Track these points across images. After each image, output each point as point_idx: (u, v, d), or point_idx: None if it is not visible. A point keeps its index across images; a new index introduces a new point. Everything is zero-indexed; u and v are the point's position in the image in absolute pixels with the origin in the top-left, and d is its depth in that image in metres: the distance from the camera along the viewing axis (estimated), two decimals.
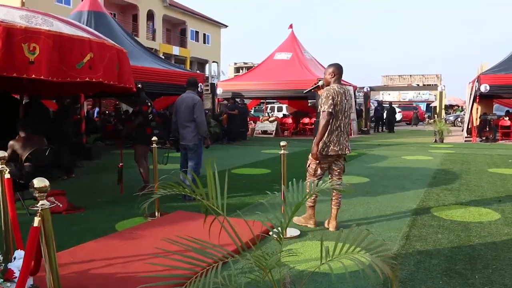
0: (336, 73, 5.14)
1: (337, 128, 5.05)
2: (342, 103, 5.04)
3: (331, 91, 5.00)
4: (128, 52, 14.44)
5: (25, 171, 5.97)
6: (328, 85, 5.17)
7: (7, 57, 4.72)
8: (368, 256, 2.19)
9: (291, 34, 22.98)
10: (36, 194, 2.01)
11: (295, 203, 2.59)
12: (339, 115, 5.04)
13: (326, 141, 5.04)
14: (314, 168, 5.17)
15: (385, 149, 14.50)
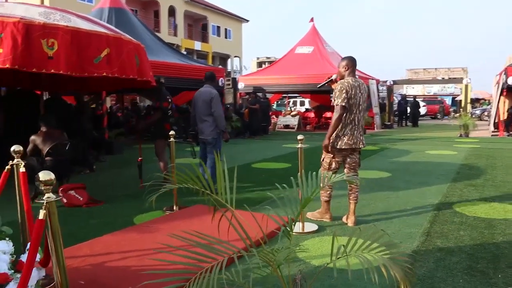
0: (350, 66, 5.06)
1: (351, 121, 4.99)
2: (357, 97, 4.96)
3: (345, 85, 4.92)
4: (149, 47, 14.61)
5: (46, 165, 6.04)
6: (342, 78, 5.10)
7: (27, 53, 4.80)
8: (380, 257, 2.09)
9: (312, 28, 22.78)
10: (42, 187, 1.99)
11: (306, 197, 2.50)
12: (353, 108, 4.97)
13: (339, 135, 4.98)
14: (328, 162, 5.12)
15: (408, 144, 14.26)
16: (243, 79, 23.20)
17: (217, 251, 2.10)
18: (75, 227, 5.12)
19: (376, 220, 5.20)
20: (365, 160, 10.28)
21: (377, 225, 5.01)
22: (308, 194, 2.43)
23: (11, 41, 4.74)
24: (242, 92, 21.59)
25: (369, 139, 15.94)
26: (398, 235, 4.64)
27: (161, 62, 14.20)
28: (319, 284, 3.44)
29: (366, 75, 22.87)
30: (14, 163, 3.26)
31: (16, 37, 4.75)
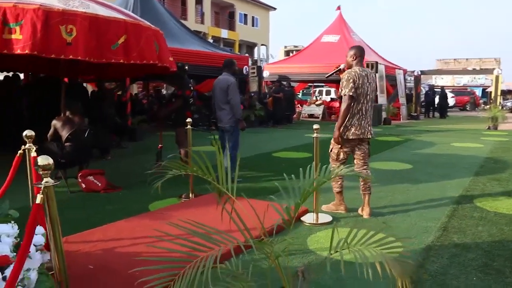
0: (357, 56, 5.01)
1: (359, 111, 4.92)
2: (364, 86, 4.89)
3: (352, 74, 4.87)
4: (174, 35, 14.69)
5: (66, 151, 6.12)
6: (350, 68, 5.03)
7: (46, 39, 4.89)
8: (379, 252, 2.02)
9: (339, 16, 22.46)
10: (40, 172, 1.99)
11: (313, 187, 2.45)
12: (361, 98, 4.90)
13: (347, 125, 4.92)
14: (336, 152, 5.06)
15: (433, 135, 13.98)
16: (268, 67, 23.10)
17: (214, 241, 2.08)
18: (91, 212, 5.19)
19: (392, 213, 5.11)
20: (387, 151, 10.15)
21: (393, 218, 4.93)
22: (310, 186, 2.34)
23: (31, 28, 4.83)
24: (268, 81, 21.50)
25: (393, 130, 15.72)
26: (414, 229, 4.55)
27: (185, 49, 14.25)
28: (327, 277, 3.39)
29: (393, 65, 22.48)
30: (26, 147, 3.30)
31: (35, 24, 4.83)
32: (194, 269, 1.90)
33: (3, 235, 2.39)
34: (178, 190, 5.97)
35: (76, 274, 3.28)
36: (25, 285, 2.31)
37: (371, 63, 18.42)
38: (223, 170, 2.45)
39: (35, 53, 4.84)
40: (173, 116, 7.51)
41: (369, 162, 7.82)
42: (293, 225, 4.60)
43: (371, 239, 2.17)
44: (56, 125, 6.23)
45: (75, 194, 5.97)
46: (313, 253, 3.90)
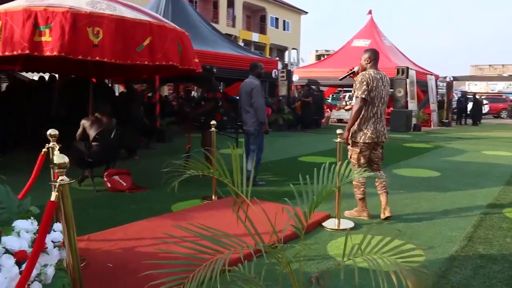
0: (372, 59, 5.03)
1: (374, 115, 4.90)
2: (378, 89, 4.86)
3: (366, 76, 4.85)
4: (205, 38, 14.81)
5: (93, 150, 6.24)
6: (364, 71, 5.03)
7: (73, 41, 5.06)
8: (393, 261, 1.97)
9: (370, 20, 22.23)
10: (56, 170, 2.03)
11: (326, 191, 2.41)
12: (375, 101, 4.87)
13: (362, 129, 4.89)
14: (356, 157, 5.00)
15: (464, 143, 13.64)
16: (298, 71, 23.07)
17: (224, 245, 2.07)
18: (115, 211, 5.26)
19: (417, 221, 5.01)
20: (415, 158, 9.97)
21: (417, 226, 4.83)
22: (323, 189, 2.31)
23: (59, 30, 5.00)
24: (298, 85, 21.46)
25: (423, 137, 15.43)
26: (438, 237, 4.44)
27: (215, 52, 14.36)
28: (345, 283, 3.33)
29: (424, 70, 22.11)
30: (49, 146, 3.37)
31: (64, 26, 5.00)
32: (203, 272, 1.90)
33: (22, 231, 2.44)
34: (201, 192, 6.01)
35: (95, 271, 3.34)
36: (42, 280, 2.35)
37: (402, 69, 18.17)
38: (238, 172, 2.44)
39: (63, 54, 4.99)
40: (203, 119, 7.52)
41: (396, 169, 7.75)
42: (314, 230, 4.59)
43: (386, 247, 2.13)
44: (85, 124, 6.36)
45: (100, 193, 6.07)
46: (332, 259, 3.86)
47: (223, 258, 1.93)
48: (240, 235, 2.19)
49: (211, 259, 1.95)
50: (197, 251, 2.01)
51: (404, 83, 18.09)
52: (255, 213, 2.23)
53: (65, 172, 2.05)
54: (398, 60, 20.59)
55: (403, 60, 21.29)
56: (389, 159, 9.57)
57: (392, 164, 8.92)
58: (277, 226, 2.20)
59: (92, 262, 3.50)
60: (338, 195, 4.81)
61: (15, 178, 3.76)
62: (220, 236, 2.08)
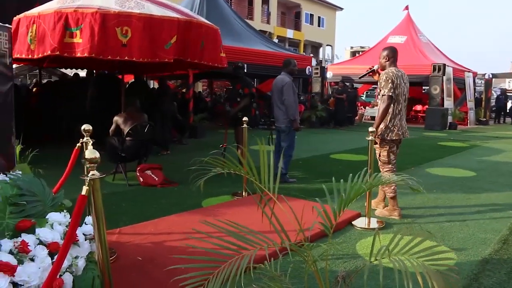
0: (390, 56, 5.03)
1: (399, 112, 4.98)
2: (401, 87, 4.92)
3: (390, 74, 4.87)
4: (238, 34, 14.85)
5: (126, 145, 6.36)
6: (383, 69, 5.06)
7: (103, 42, 5.22)
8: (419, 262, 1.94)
9: (407, 16, 21.79)
10: (87, 165, 2.08)
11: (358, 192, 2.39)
12: (400, 98, 4.95)
13: (389, 126, 4.95)
14: (386, 155, 5.03)
15: (502, 142, 13.23)
16: (332, 68, 22.88)
17: (251, 243, 2.08)
18: (146, 205, 5.35)
19: (449, 221, 4.91)
20: (449, 157, 9.75)
21: (450, 227, 4.73)
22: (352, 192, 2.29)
23: (89, 31, 5.17)
24: (332, 82, 21.31)
25: (459, 135, 15.08)
26: (471, 239, 4.34)
27: (249, 48, 14.38)
28: (373, 283, 3.31)
29: (462, 67, 21.56)
30: (83, 141, 3.46)
31: (93, 27, 5.17)
32: (228, 269, 1.92)
33: (55, 223, 2.52)
34: (233, 188, 6.05)
35: (125, 264, 3.41)
36: (73, 271, 2.42)
37: (438, 66, 17.77)
38: (266, 169, 2.45)
39: (93, 55, 5.15)
40: (240, 114, 7.51)
41: (429, 168, 7.62)
42: (343, 229, 4.56)
43: (415, 248, 2.09)
44: (118, 121, 6.48)
45: (133, 187, 6.19)
46: (361, 258, 3.82)
47: (248, 255, 1.94)
48: (268, 232, 2.19)
49: (237, 256, 1.96)
50: (224, 248, 2.03)
51: (441, 80, 17.70)
52: (284, 210, 2.23)
53: (96, 167, 2.10)
54: (435, 56, 20.13)
55: (440, 57, 20.81)
56: (423, 158, 9.42)
57: (426, 163, 8.76)
58: (306, 223, 2.20)
59: (122, 255, 3.57)
60: (369, 194, 4.76)
61: (51, 172, 3.89)
62: (246, 233, 2.09)
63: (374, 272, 3.42)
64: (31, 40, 5.47)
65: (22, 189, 2.54)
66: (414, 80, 19.13)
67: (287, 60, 6.95)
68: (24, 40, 5.58)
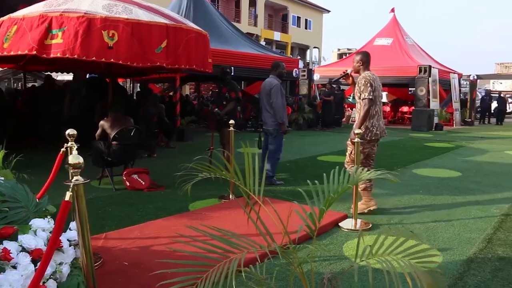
0: (364, 61, 5.21)
1: (377, 112, 5.17)
2: (379, 89, 5.13)
3: (368, 78, 5.06)
4: (225, 37, 14.84)
5: (112, 150, 6.32)
6: (357, 73, 5.25)
7: (87, 43, 5.15)
8: (406, 262, 1.95)
9: (393, 19, 21.98)
10: (71, 170, 2.07)
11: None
12: (377, 100, 5.16)
13: (368, 126, 5.12)
14: (366, 155, 5.22)
15: (487, 143, 13.38)
16: (319, 70, 22.97)
17: (236, 246, 2.08)
18: (133, 210, 5.32)
19: (435, 222, 4.95)
20: (436, 158, 9.83)
21: (435, 227, 4.77)
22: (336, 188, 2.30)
23: (73, 33, 5.12)
24: (319, 84, 21.40)
25: (444, 136, 15.22)
26: (456, 239, 4.38)
27: (236, 51, 14.38)
28: (360, 284, 3.33)
29: (447, 69, 21.77)
30: (68, 145, 3.43)
31: (77, 30, 5.12)
32: (216, 273, 1.91)
33: (38, 229, 2.49)
34: (219, 191, 6.04)
35: (111, 269, 3.39)
36: (57, 278, 2.40)
37: (424, 67, 17.93)
38: (251, 172, 2.45)
39: (75, 56, 5.09)
40: (225, 118, 7.50)
41: (416, 169, 7.70)
42: (330, 230, 4.57)
43: (400, 248, 2.10)
44: (104, 125, 6.44)
45: (119, 192, 6.15)
46: (347, 260, 3.83)
47: (237, 259, 1.94)
48: (254, 236, 2.20)
49: (224, 260, 1.96)
50: (211, 252, 2.02)
51: (426, 82, 17.85)
52: (269, 213, 2.23)
53: (79, 172, 2.09)
54: (421, 58, 20.31)
55: (426, 59, 21.00)
56: (409, 159, 9.49)
57: (412, 164, 8.83)
58: (292, 225, 2.20)
59: (108, 260, 3.55)
60: (355, 195, 4.79)
61: (35, 177, 3.85)
62: (232, 237, 2.09)
63: (360, 273, 3.44)
64: (6, 39, 5.38)
65: (4, 195, 2.51)
66: (400, 81, 19.33)
67: (276, 62, 6.97)
68: (1, 40, 5.51)
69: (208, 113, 16.88)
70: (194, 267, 2.07)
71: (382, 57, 19.78)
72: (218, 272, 1.93)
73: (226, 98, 7.60)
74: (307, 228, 2.23)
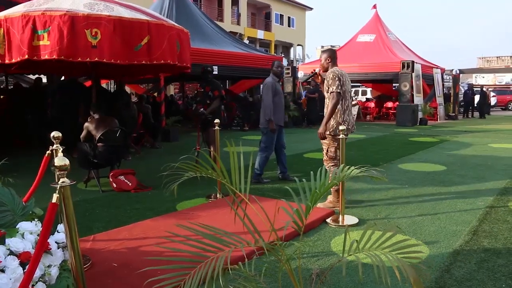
0: (332, 58, 5.33)
1: (347, 107, 5.25)
2: (346, 84, 5.24)
3: (336, 73, 5.16)
4: (208, 36, 14.82)
5: (98, 151, 6.28)
6: (325, 71, 5.35)
7: (72, 44, 5.13)
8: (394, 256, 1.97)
9: (375, 15, 22.14)
10: (57, 172, 2.06)
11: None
12: (346, 95, 5.23)
13: (340, 122, 5.17)
14: (334, 150, 5.26)
15: (471, 136, 13.57)
16: (303, 67, 23.04)
17: (226, 243, 2.09)
18: (120, 211, 5.30)
19: (420, 215, 5.01)
20: (420, 152, 9.94)
21: (421, 220, 4.83)
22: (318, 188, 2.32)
23: (58, 33, 5.09)
24: (304, 82, 21.44)
25: (429, 131, 15.38)
26: (442, 232, 4.44)
27: (219, 50, 14.34)
28: (348, 279, 3.35)
29: (430, 64, 22.00)
30: (53, 148, 3.40)
31: (62, 29, 5.08)
32: (204, 270, 1.92)
33: (26, 232, 2.48)
34: (206, 190, 6.04)
35: (100, 271, 3.37)
36: (46, 280, 2.39)
37: (407, 63, 18.09)
38: (236, 171, 2.47)
39: (62, 57, 5.08)
40: (210, 117, 7.48)
41: (401, 164, 7.78)
42: (318, 227, 4.60)
43: (387, 242, 2.13)
44: (89, 127, 6.40)
45: (106, 193, 6.11)
46: (336, 255, 3.86)
47: (223, 256, 1.95)
48: (242, 233, 2.21)
49: (212, 257, 1.97)
50: (200, 249, 2.03)
51: (410, 77, 18.02)
52: (256, 211, 2.25)
53: (66, 174, 2.08)
54: (403, 54, 20.49)
55: (408, 54, 21.20)
56: (394, 154, 9.58)
57: (398, 159, 8.91)
58: (279, 223, 2.22)
59: (97, 262, 3.53)
60: (342, 192, 4.83)
61: (21, 180, 3.83)
62: (220, 234, 2.10)
63: (348, 268, 3.48)
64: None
65: None
66: (384, 77, 19.48)
67: (272, 62, 7.05)
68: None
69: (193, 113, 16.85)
70: (182, 264, 2.08)
71: (365, 54, 19.94)
72: (205, 269, 1.94)
73: (210, 97, 7.60)
74: (294, 225, 2.25)
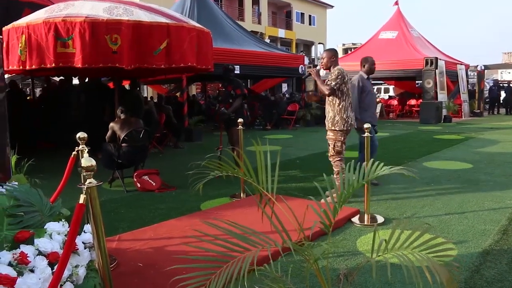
0: (335, 57, 5.55)
1: (350, 104, 5.49)
2: (349, 82, 5.51)
3: (341, 70, 5.39)
4: (229, 36, 14.84)
5: (122, 151, 6.34)
6: (327, 69, 5.57)
7: (94, 51, 5.26)
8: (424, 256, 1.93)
9: (397, 12, 21.85)
10: (84, 173, 2.07)
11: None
12: (349, 92, 5.50)
13: (344, 117, 5.38)
14: (340, 144, 5.44)
15: (497, 133, 13.27)
16: None
17: (253, 243, 2.07)
18: (145, 211, 5.34)
19: (448, 214, 4.92)
20: (446, 150, 9.77)
21: (449, 219, 4.74)
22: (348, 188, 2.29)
23: (80, 41, 5.22)
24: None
25: (453, 128, 15.12)
26: (470, 231, 4.34)
27: (241, 50, 14.35)
28: (376, 280, 3.31)
29: (454, 60, 21.62)
30: (79, 149, 3.44)
31: (84, 37, 5.21)
32: (230, 270, 1.91)
33: (54, 233, 2.50)
34: (231, 190, 6.05)
35: (126, 271, 3.40)
36: (74, 280, 2.41)
37: (430, 59, 17.82)
38: (263, 170, 2.45)
39: (86, 65, 5.22)
40: (233, 116, 7.44)
41: (426, 162, 7.67)
42: (343, 226, 4.56)
43: (416, 242, 2.08)
44: (114, 127, 6.45)
45: (131, 193, 6.17)
46: (362, 255, 3.82)
47: (249, 256, 1.93)
48: (268, 233, 2.19)
49: (239, 257, 1.95)
50: (226, 248, 2.02)
51: (433, 74, 17.74)
52: (284, 210, 2.23)
53: (92, 174, 2.09)
54: (427, 50, 20.19)
55: (432, 51, 20.87)
56: (419, 152, 9.43)
57: (423, 157, 8.77)
58: (306, 222, 2.19)
59: (123, 262, 3.56)
60: (367, 190, 4.77)
61: (48, 181, 3.88)
62: (248, 233, 2.08)
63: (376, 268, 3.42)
64: (21, 51, 5.45)
65: (19, 200, 2.52)
66: (407, 74, 19.22)
67: (363, 58, 6.81)
68: (15, 51, 5.56)
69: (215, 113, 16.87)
70: (208, 263, 2.07)
71: (388, 51, 19.70)
72: (231, 269, 1.92)
73: (232, 96, 7.58)
74: (321, 225, 2.22)
